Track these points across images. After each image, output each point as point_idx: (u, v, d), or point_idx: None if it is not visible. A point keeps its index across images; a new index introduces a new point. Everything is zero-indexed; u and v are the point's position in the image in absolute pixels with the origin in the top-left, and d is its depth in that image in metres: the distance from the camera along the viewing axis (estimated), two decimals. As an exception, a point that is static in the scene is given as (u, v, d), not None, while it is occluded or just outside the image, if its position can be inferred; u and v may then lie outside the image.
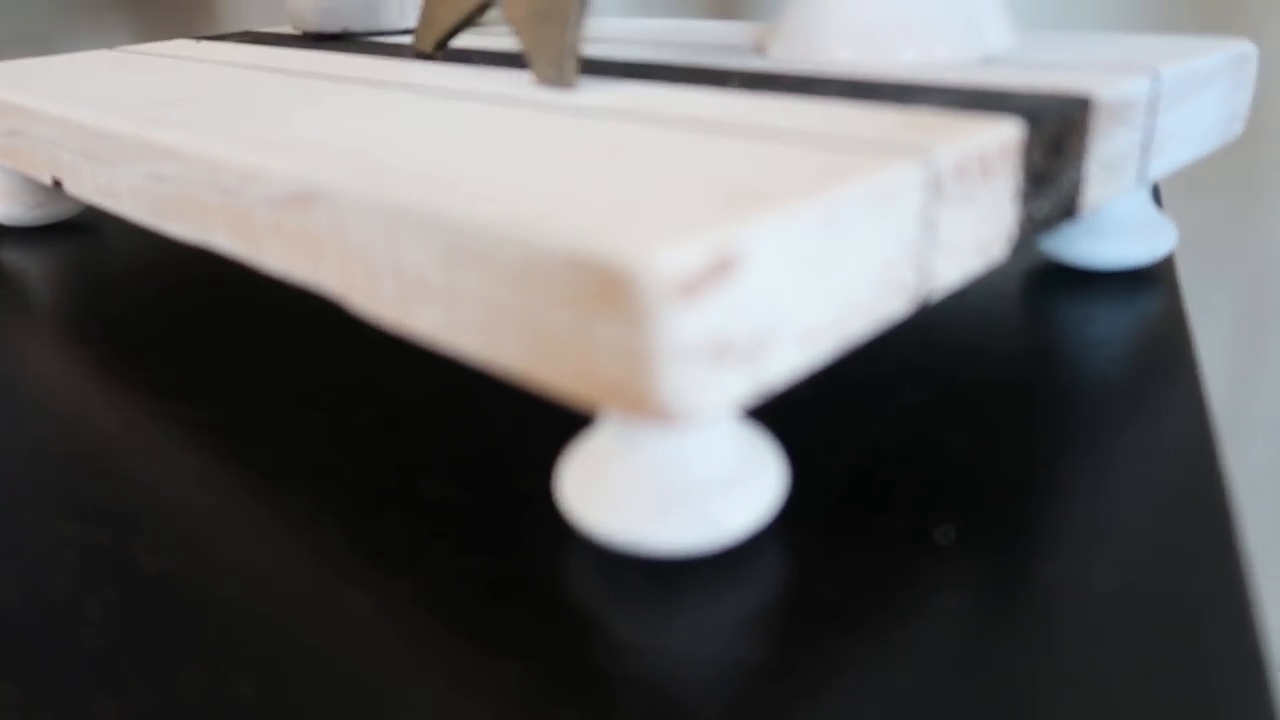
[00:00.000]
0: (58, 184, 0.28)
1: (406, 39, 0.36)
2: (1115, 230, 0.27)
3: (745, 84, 0.23)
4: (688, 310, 0.13)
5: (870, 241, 0.16)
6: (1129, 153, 0.22)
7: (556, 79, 0.24)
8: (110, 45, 0.62)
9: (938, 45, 0.24)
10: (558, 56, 0.24)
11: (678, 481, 0.16)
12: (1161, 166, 0.23)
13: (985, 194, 0.18)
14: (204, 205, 0.22)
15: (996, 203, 0.18)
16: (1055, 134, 0.19)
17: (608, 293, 0.13)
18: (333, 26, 0.38)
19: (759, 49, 0.28)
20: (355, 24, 0.38)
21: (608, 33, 0.34)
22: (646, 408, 0.14)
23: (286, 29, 0.43)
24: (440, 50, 0.30)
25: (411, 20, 0.38)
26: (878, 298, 0.16)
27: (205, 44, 0.39)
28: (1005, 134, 0.18)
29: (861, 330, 0.16)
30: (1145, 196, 0.27)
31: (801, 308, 0.15)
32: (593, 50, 0.30)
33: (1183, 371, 0.22)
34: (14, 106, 0.29)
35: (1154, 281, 0.27)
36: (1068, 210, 0.20)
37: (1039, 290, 0.27)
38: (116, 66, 0.33)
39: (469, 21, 0.28)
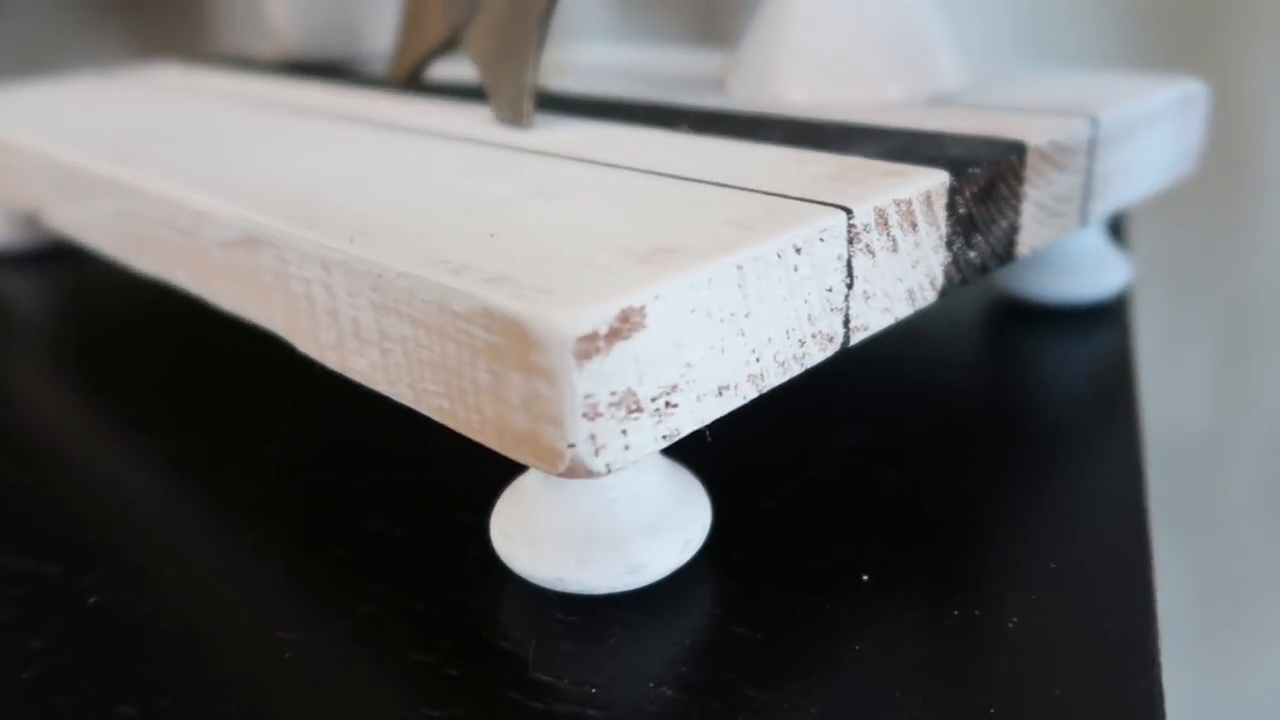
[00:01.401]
0: (35, 215, 0.29)
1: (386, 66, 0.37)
2: (1067, 266, 0.27)
3: (696, 125, 0.23)
4: (595, 369, 0.14)
5: (787, 295, 0.16)
6: (1069, 195, 0.22)
7: (513, 119, 0.24)
8: (104, 59, 0.63)
9: (890, 85, 0.25)
10: (515, 97, 0.24)
11: (601, 525, 0.16)
12: (1106, 207, 0.24)
13: (911, 243, 0.18)
14: (166, 243, 0.22)
15: (924, 251, 0.19)
16: (987, 181, 0.20)
17: (519, 350, 0.14)
18: (314, 53, 0.38)
19: (720, 84, 0.29)
20: (337, 50, 0.38)
21: (578, 63, 0.35)
22: (556, 463, 0.14)
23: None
24: (413, 80, 0.31)
25: (390, 46, 0.39)
26: (797, 349, 0.17)
27: (188, 71, 0.39)
28: (931, 183, 0.18)
29: (781, 380, 0.17)
30: (1098, 233, 0.27)
31: (715, 362, 0.15)
32: (558, 83, 0.31)
33: (1121, 411, 0.23)
34: (-6, 137, 0.29)
35: (1107, 318, 0.27)
36: (1004, 254, 0.21)
37: (990, 325, 0.27)
38: (97, 97, 0.34)
39: (437, 53, 0.29)
